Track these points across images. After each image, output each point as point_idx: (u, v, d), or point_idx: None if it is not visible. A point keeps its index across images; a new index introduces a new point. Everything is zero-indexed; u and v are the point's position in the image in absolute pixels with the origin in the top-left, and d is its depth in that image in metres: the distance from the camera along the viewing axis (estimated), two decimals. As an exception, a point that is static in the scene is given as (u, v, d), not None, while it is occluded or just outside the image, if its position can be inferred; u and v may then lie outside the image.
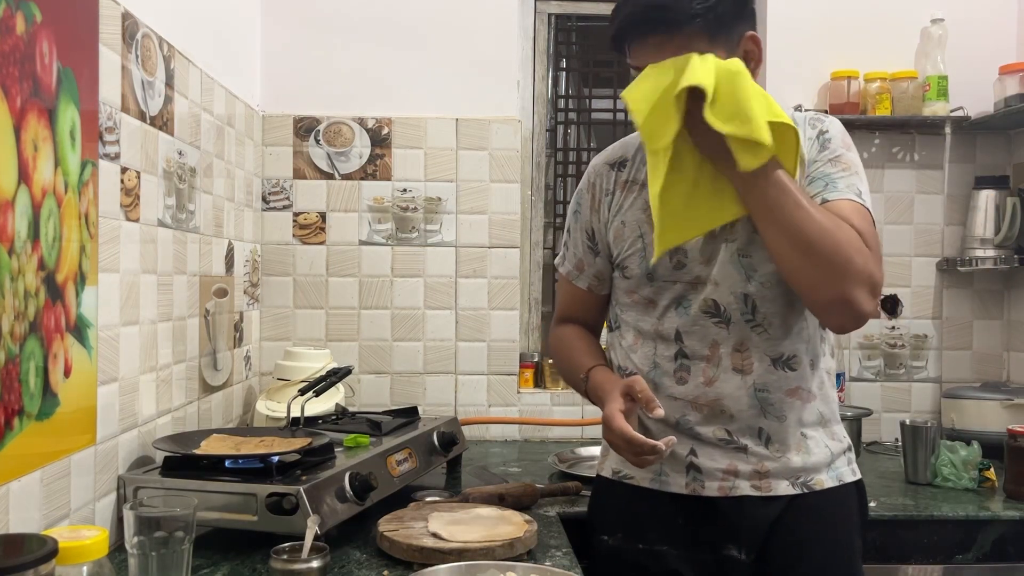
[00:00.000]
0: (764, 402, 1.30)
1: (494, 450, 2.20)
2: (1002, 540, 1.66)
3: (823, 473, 1.33)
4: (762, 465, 1.30)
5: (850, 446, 1.38)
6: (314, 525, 1.16)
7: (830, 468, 1.34)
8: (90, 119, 1.25)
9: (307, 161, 2.29)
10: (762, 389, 1.30)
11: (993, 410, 2.08)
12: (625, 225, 1.36)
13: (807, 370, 1.32)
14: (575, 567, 1.25)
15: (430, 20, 2.31)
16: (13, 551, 0.79)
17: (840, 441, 1.36)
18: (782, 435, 1.31)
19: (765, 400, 1.30)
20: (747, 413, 1.30)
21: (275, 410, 1.88)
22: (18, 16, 1.06)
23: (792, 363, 1.31)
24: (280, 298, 2.30)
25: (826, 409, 1.35)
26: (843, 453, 1.36)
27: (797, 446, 1.32)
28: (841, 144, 1.31)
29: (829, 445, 1.34)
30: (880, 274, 1.22)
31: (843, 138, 1.33)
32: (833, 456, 1.34)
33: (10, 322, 1.04)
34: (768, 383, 1.30)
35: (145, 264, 1.47)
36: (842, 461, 1.35)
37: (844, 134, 1.33)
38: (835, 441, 1.35)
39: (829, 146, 1.31)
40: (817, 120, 1.34)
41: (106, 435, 1.33)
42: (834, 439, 1.35)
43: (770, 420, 1.30)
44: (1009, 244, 2.24)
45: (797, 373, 1.31)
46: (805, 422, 1.32)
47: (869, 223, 1.25)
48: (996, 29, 2.34)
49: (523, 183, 2.38)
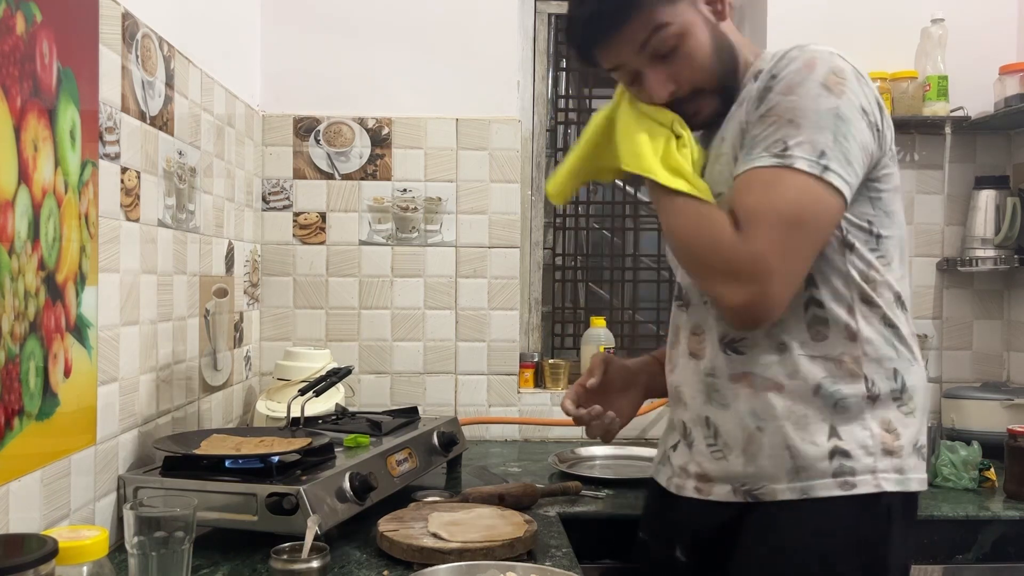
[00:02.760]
0: (711, 388, 1.22)
1: (494, 450, 2.20)
2: (1002, 540, 1.66)
3: (781, 482, 1.15)
4: (701, 465, 1.23)
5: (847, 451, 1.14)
6: (314, 525, 1.16)
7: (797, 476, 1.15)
8: (90, 119, 1.25)
9: (307, 161, 2.29)
10: (710, 373, 1.22)
11: (993, 410, 2.08)
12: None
13: (765, 355, 1.17)
14: (575, 567, 1.25)
15: (430, 20, 2.31)
16: (13, 551, 0.79)
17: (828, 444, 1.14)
18: (728, 428, 1.20)
19: (712, 386, 1.22)
20: (697, 400, 1.24)
21: (275, 410, 1.88)
22: (18, 16, 1.06)
23: (739, 345, 1.19)
24: (280, 298, 2.30)
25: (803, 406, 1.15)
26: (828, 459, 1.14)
27: (744, 446, 1.18)
28: (783, 88, 1.11)
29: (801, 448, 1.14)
30: (757, 255, 1.07)
31: (793, 76, 1.11)
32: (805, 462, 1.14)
33: (10, 322, 1.04)
34: (716, 367, 1.22)
35: (145, 264, 1.47)
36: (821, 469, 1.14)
37: (801, 68, 1.10)
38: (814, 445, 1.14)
39: (767, 98, 1.12)
40: (779, 64, 1.14)
41: (106, 435, 1.33)
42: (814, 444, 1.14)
43: (715, 408, 1.21)
44: (1009, 244, 2.24)
45: (746, 357, 1.19)
46: (760, 416, 1.17)
47: (769, 189, 1.08)
48: (996, 29, 2.34)
49: (523, 183, 2.38)
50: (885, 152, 1.17)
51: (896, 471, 1.15)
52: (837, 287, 1.17)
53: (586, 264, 2.64)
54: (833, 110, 1.08)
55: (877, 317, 1.18)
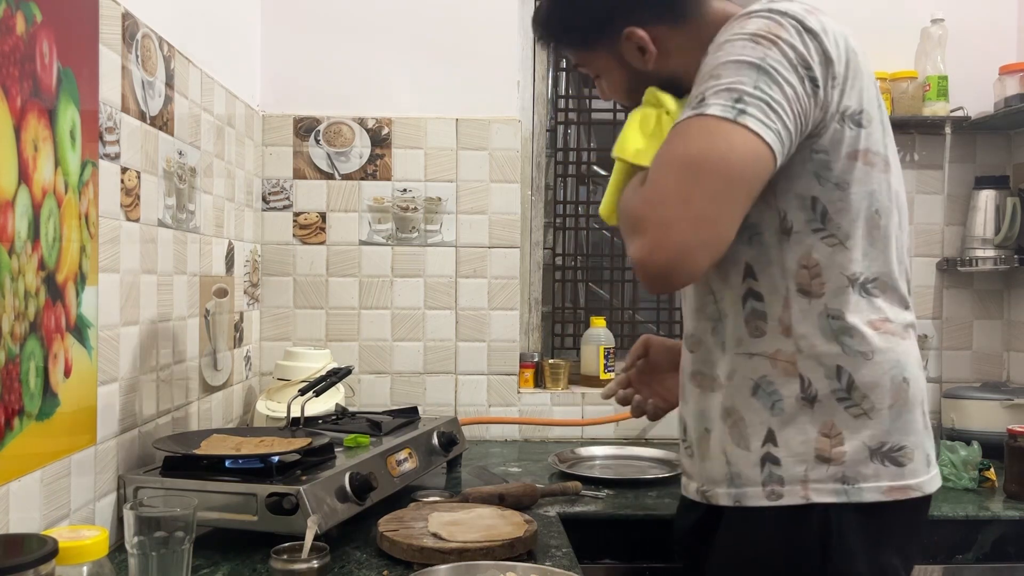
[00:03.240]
0: (681, 385, 1.23)
1: (494, 450, 2.20)
2: (1002, 540, 1.66)
3: (721, 486, 1.13)
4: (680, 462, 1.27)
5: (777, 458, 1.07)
6: (314, 525, 1.16)
7: (732, 482, 1.11)
8: (90, 119, 1.25)
9: (307, 161, 2.29)
10: (684, 371, 1.23)
11: (993, 410, 2.08)
12: None
13: (710, 353, 1.15)
14: (575, 567, 1.25)
15: (430, 20, 2.31)
16: (13, 551, 0.79)
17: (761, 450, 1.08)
18: (690, 426, 1.20)
19: (681, 384, 1.23)
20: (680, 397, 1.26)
21: (275, 410, 1.88)
22: (18, 16, 1.06)
23: (690, 343, 1.19)
24: (280, 298, 2.30)
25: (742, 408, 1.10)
26: (759, 466, 1.08)
27: (698, 446, 1.17)
28: (714, 47, 1.05)
29: (735, 453, 1.10)
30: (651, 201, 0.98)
31: (725, 35, 1.04)
32: (737, 468, 1.10)
33: (10, 322, 1.04)
34: (683, 365, 1.22)
35: (145, 264, 1.47)
36: (752, 476, 1.08)
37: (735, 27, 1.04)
38: (746, 451, 1.09)
39: (703, 62, 1.06)
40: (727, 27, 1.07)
41: (106, 435, 1.33)
42: (747, 449, 1.09)
43: (682, 405, 1.22)
44: (1009, 244, 2.24)
45: (695, 355, 1.18)
46: (707, 416, 1.15)
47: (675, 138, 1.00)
48: (996, 29, 2.34)
49: (523, 183, 2.38)
50: (832, 114, 1.04)
51: (836, 480, 1.05)
52: (774, 277, 1.08)
53: (586, 264, 2.64)
54: (758, 60, 0.99)
55: (816, 310, 1.07)
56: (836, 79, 1.04)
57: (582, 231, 2.64)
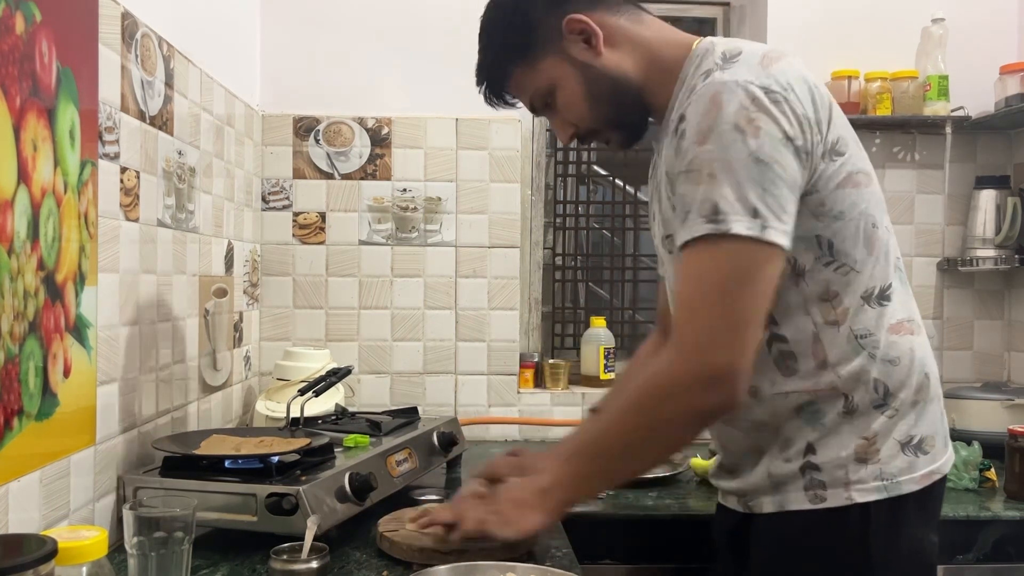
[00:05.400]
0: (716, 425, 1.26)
1: (494, 450, 2.19)
2: (1003, 540, 1.66)
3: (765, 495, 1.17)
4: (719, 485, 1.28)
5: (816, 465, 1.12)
6: (314, 525, 1.16)
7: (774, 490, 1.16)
8: (90, 119, 1.25)
9: (307, 161, 2.29)
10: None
11: (994, 410, 2.08)
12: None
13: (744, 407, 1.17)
14: (575, 567, 1.25)
15: (430, 20, 2.31)
16: (13, 551, 0.79)
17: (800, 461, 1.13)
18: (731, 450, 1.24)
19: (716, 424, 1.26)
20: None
21: (275, 410, 1.88)
22: (18, 16, 1.05)
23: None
24: (280, 298, 2.30)
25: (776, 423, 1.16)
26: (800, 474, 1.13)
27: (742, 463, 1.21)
28: (695, 136, 1.03)
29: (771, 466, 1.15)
30: (704, 346, 1.03)
31: (702, 121, 1.02)
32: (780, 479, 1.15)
33: (9, 322, 1.04)
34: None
35: (144, 264, 1.47)
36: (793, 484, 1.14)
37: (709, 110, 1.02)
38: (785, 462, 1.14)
39: (682, 147, 1.05)
40: (687, 102, 1.07)
41: (106, 435, 1.33)
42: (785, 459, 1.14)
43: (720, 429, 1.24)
44: (1010, 244, 2.24)
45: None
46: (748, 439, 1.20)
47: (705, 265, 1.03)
48: (996, 29, 2.34)
49: (523, 183, 2.38)
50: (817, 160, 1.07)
51: (876, 478, 1.11)
52: (796, 318, 1.12)
53: (586, 264, 2.64)
54: (752, 155, 1.00)
55: (844, 335, 1.12)
56: (819, 126, 1.07)
57: (582, 231, 2.64)
